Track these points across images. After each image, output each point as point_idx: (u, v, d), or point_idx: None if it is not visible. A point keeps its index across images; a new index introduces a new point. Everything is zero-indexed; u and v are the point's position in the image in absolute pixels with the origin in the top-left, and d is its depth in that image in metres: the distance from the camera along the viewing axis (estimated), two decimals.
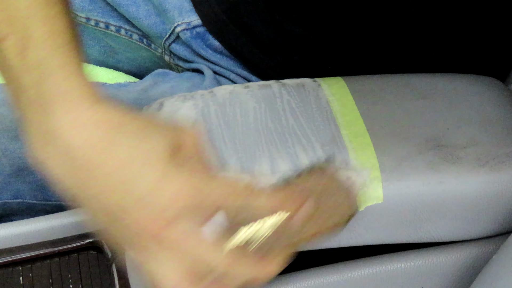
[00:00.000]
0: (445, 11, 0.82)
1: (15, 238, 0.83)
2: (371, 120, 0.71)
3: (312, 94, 0.73)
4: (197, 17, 0.93)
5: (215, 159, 0.64)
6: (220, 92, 0.72)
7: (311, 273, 0.73)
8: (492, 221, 0.70)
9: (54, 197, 0.90)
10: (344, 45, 0.85)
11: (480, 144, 0.70)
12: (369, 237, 0.69)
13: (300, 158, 0.66)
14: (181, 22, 0.94)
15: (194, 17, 0.93)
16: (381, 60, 0.85)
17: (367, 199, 0.66)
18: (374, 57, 0.86)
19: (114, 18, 1.02)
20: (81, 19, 1.04)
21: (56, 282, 0.82)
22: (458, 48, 0.85)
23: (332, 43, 0.85)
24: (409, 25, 0.83)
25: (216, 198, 0.57)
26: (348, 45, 0.85)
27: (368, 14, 0.83)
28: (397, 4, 0.81)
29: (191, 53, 0.95)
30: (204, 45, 0.93)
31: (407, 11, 0.82)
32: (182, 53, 0.96)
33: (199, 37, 0.94)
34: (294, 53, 0.87)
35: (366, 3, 0.82)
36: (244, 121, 0.69)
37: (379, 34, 0.84)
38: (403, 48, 0.85)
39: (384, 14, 0.83)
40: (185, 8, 0.94)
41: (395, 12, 0.82)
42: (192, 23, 0.94)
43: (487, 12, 0.83)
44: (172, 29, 0.95)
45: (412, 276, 0.72)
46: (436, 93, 0.75)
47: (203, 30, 0.93)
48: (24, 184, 0.89)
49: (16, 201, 0.89)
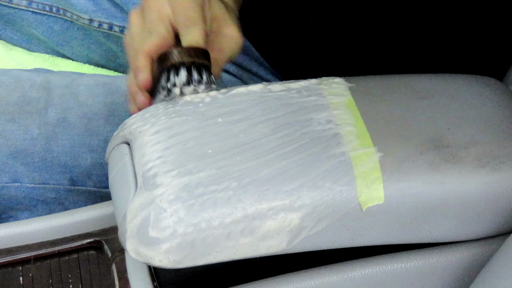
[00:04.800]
0: (445, 11, 0.82)
1: (15, 238, 0.83)
2: (371, 120, 0.71)
3: (313, 94, 0.73)
4: None
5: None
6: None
7: (311, 273, 0.73)
8: (492, 221, 0.70)
9: (52, 180, 0.90)
10: (346, 44, 0.86)
11: (480, 144, 0.70)
12: (370, 237, 0.69)
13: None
14: None
15: None
16: (381, 60, 0.86)
17: (368, 200, 0.67)
18: (375, 57, 0.86)
19: (117, 19, 1.02)
20: (84, 20, 1.05)
21: (56, 282, 0.82)
22: (458, 48, 0.85)
23: (337, 38, 0.86)
24: (410, 25, 0.83)
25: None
26: (351, 44, 0.85)
27: (369, 14, 0.83)
28: (397, 4, 0.81)
29: None
30: None
31: (408, 11, 0.82)
32: None
33: None
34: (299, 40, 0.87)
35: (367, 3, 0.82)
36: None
37: (379, 34, 0.84)
38: (404, 48, 0.85)
39: (384, 14, 0.83)
40: None
41: (395, 12, 0.82)
42: None
43: (486, 12, 0.83)
44: None
45: (412, 276, 0.72)
46: (437, 93, 0.75)
47: None
48: (22, 166, 0.89)
49: (14, 185, 0.90)
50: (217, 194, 0.66)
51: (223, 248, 0.66)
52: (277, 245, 0.67)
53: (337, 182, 0.67)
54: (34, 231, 0.83)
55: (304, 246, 0.68)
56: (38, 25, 1.08)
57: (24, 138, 0.89)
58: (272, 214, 0.66)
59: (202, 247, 0.66)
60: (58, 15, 1.07)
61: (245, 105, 0.72)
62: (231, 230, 0.66)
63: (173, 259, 0.66)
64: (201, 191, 0.66)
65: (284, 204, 0.66)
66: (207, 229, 0.65)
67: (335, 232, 0.68)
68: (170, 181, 0.67)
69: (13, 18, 1.08)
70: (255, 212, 0.66)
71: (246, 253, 0.67)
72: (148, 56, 0.75)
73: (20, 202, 0.91)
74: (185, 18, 0.75)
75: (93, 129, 0.91)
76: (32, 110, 0.90)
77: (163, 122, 0.71)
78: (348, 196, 0.67)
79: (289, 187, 0.66)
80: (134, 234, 0.66)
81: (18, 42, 1.11)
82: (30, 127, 0.90)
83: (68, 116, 0.91)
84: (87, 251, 0.84)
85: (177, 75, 0.74)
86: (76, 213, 0.84)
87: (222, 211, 0.65)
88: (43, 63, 1.09)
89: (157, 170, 0.68)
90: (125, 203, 0.67)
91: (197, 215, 0.65)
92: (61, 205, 0.92)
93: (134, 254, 0.66)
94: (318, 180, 0.67)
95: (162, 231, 0.65)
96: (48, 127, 0.90)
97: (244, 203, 0.66)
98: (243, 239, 0.66)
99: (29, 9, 1.07)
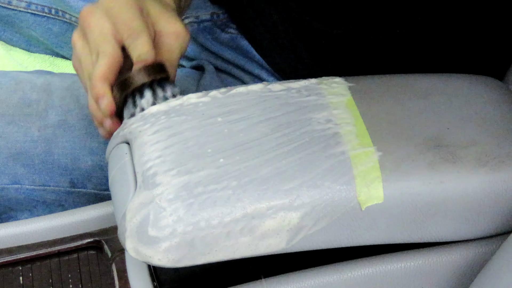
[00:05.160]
0: (445, 11, 0.82)
1: (15, 238, 0.83)
2: (371, 119, 0.71)
3: (313, 94, 0.73)
4: (206, 11, 0.94)
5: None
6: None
7: (311, 273, 0.73)
8: (492, 221, 0.70)
9: (52, 182, 0.90)
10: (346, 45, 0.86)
11: (480, 144, 0.70)
12: (369, 237, 0.69)
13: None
14: (189, 15, 0.95)
15: (202, 12, 0.94)
16: (381, 60, 0.86)
17: (368, 199, 0.66)
18: (374, 57, 0.86)
19: None
20: None
21: (56, 282, 0.82)
22: (458, 48, 0.85)
23: (336, 39, 0.86)
24: (410, 25, 0.83)
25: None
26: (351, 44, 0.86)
27: (369, 14, 0.83)
28: (397, 4, 0.82)
29: (195, 49, 0.96)
30: (210, 38, 0.94)
31: (408, 11, 0.82)
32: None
33: (206, 31, 0.94)
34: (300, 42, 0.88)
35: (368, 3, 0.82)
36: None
37: (379, 34, 0.84)
38: (404, 48, 0.85)
39: (384, 14, 0.83)
40: (193, 4, 0.94)
41: (395, 12, 0.83)
42: (200, 17, 0.94)
43: (486, 12, 0.83)
44: None
45: (412, 276, 0.72)
46: (436, 93, 0.75)
47: (210, 25, 0.94)
48: (22, 168, 0.89)
49: (14, 187, 0.90)
50: (216, 193, 0.66)
51: (222, 247, 0.66)
52: (276, 244, 0.67)
53: (336, 181, 0.67)
54: (34, 231, 0.83)
55: (303, 245, 0.68)
56: (37, 27, 1.08)
57: (25, 140, 0.89)
58: (271, 213, 0.66)
59: (202, 246, 0.66)
60: (57, 17, 1.07)
61: (245, 104, 0.72)
62: (230, 229, 0.66)
63: (172, 258, 0.66)
64: (201, 190, 0.66)
65: (283, 203, 0.66)
66: (206, 228, 0.65)
67: (334, 232, 0.68)
68: (169, 180, 0.67)
69: (12, 19, 1.09)
70: (255, 211, 0.66)
71: (246, 252, 0.67)
72: (104, 80, 0.74)
73: (20, 204, 0.91)
74: (129, 30, 0.74)
75: (94, 131, 0.91)
76: (32, 112, 0.90)
77: (162, 122, 0.71)
78: (348, 195, 0.67)
79: (289, 186, 0.66)
80: (134, 233, 0.66)
81: (17, 43, 1.11)
82: (31, 129, 0.90)
83: (69, 118, 0.91)
84: (87, 251, 0.84)
85: (141, 97, 0.74)
86: (76, 213, 0.84)
87: (222, 210, 0.65)
88: (43, 64, 1.09)
89: (157, 169, 0.68)
90: (125, 202, 0.67)
91: (196, 214, 0.65)
92: (61, 207, 0.92)
93: (134, 253, 0.66)
94: (318, 179, 0.67)
95: (161, 230, 0.65)
96: (49, 129, 0.90)
97: (244, 202, 0.66)
98: (243, 238, 0.66)
99: (28, 10, 1.07)
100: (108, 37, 0.74)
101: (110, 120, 0.75)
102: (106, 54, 0.74)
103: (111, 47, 0.74)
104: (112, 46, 0.74)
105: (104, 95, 0.73)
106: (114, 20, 0.74)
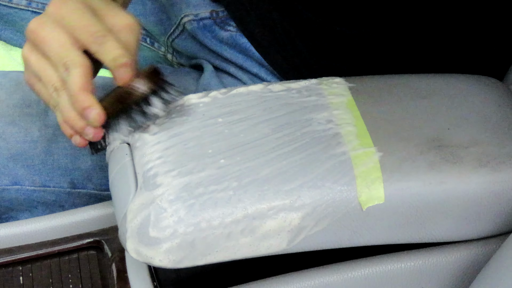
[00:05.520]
0: (445, 11, 0.83)
1: (15, 238, 0.83)
2: (372, 120, 0.71)
3: (313, 94, 0.73)
4: (205, 9, 0.94)
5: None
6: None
7: (311, 273, 0.73)
8: (492, 221, 0.70)
9: (52, 182, 0.90)
10: (346, 44, 0.86)
11: (481, 144, 0.70)
12: (370, 237, 0.69)
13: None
14: (188, 13, 0.95)
15: (202, 10, 0.94)
16: (382, 60, 0.86)
17: (369, 200, 0.67)
18: (375, 57, 0.86)
19: None
20: None
21: (56, 282, 0.82)
22: (458, 48, 0.85)
23: (337, 37, 0.86)
24: (410, 25, 0.83)
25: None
26: (351, 44, 0.86)
27: (369, 14, 0.83)
28: (397, 4, 0.82)
29: (194, 47, 0.96)
30: (210, 36, 0.94)
31: (408, 11, 0.82)
32: (185, 48, 0.96)
33: (205, 29, 0.94)
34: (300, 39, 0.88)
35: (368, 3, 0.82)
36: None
37: (379, 34, 0.84)
38: (404, 48, 0.85)
39: (384, 14, 0.83)
40: (192, 2, 0.94)
41: (396, 12, 0.83)
42: (199, 15, 0.94)
43: (486, 13, 0.83)
44: (178, 21, 0.95)
45: (412, 276, 0.72)
46: (437, 93, 0.75)
47: (210, 22, 0.94)
48: (22, 169, 0.89)
49: (14, 188, 0.90)
50: (217, 194, 0.66)
51: (223, 248, 0.66)
52: (277, 245, 0.67)
53: (337, 182, 0.67)
54: (34, 231, 0.83)
55: (304, 246, 0.68)
56: None
57: (25, 140, 0.89)
58: (272, 214, 0.66)
59: (202, 247, 0.66)
60: None
61: (245, 105, 0.73)
62: (231, 230, 0.66)
63: (173, 259, 0.66)
64: (201, 191, 0.66)
65: (284, 204, 0.66)
66: (207, 229, 0.65)
67: (335, 232, 0.68)
68: (170, 181, 0.67)
69: (13, 18, 1.08)
70: (255, 212, 0.66)
71: (246, 253, 0.67)
72: (85, 90, 0.71)
73: (21, 204, 0.91)
74: (91, 37, 0.72)
75: None
76: (32, 113, 0.90)
77: (163, 122, 0.71)
78: (348, 196, 0.67)
79: (289, 187, 0.66)
80: (135, 234, 0.66)
81: (18, 42, 1.11)
82: (31, 130, 0.89)
83: None
84: (87, 251, 0.84)
85: (148, 105, 0.72)
86: (76, 213, 0.84)
87: (222, 211, 0.65)
88: None
89: (158, 170, 0.68)
90: (126, 203, 0.67)
91: (197, 215, 0.65)
92: (61, 207, 0.92)
93: (135, 254, 0.66)
94: (318, 180, 0.67)
95: (162, 231, 0.65)
96: (49, 130, 0.90)
97: (244, 203, 0.66)
98: (243, 239, 0.66)
99: (28, 8, 1.07)
100: (70, 47, 0.72)
101: (96, 129, 0.73)
102: (76, 65, 0.71)
103: (77, 56, 0.72)
104: (79, 56, 0.72)
105: (91, 105, 0.71)
106: (70, 29, 0.72)
